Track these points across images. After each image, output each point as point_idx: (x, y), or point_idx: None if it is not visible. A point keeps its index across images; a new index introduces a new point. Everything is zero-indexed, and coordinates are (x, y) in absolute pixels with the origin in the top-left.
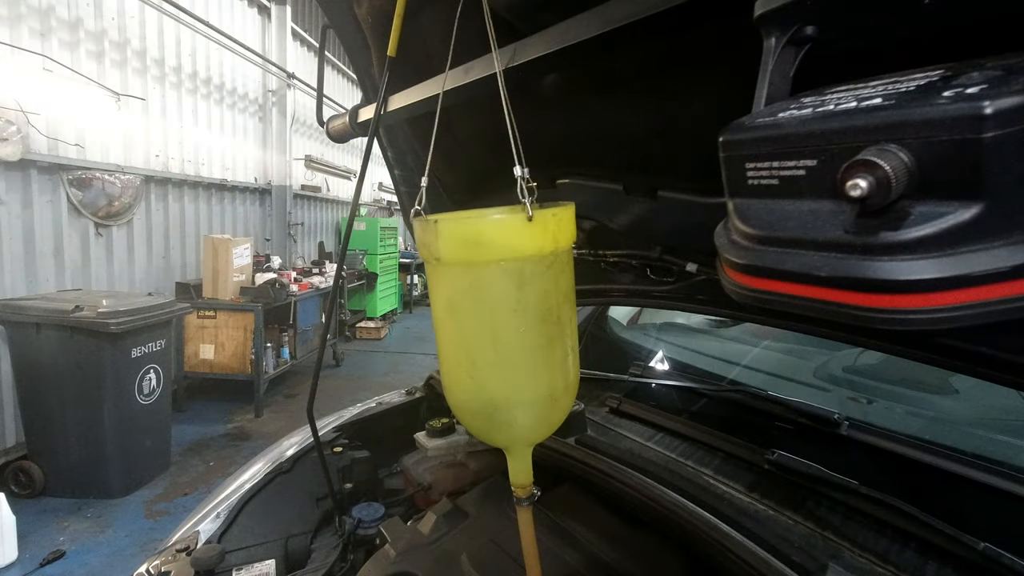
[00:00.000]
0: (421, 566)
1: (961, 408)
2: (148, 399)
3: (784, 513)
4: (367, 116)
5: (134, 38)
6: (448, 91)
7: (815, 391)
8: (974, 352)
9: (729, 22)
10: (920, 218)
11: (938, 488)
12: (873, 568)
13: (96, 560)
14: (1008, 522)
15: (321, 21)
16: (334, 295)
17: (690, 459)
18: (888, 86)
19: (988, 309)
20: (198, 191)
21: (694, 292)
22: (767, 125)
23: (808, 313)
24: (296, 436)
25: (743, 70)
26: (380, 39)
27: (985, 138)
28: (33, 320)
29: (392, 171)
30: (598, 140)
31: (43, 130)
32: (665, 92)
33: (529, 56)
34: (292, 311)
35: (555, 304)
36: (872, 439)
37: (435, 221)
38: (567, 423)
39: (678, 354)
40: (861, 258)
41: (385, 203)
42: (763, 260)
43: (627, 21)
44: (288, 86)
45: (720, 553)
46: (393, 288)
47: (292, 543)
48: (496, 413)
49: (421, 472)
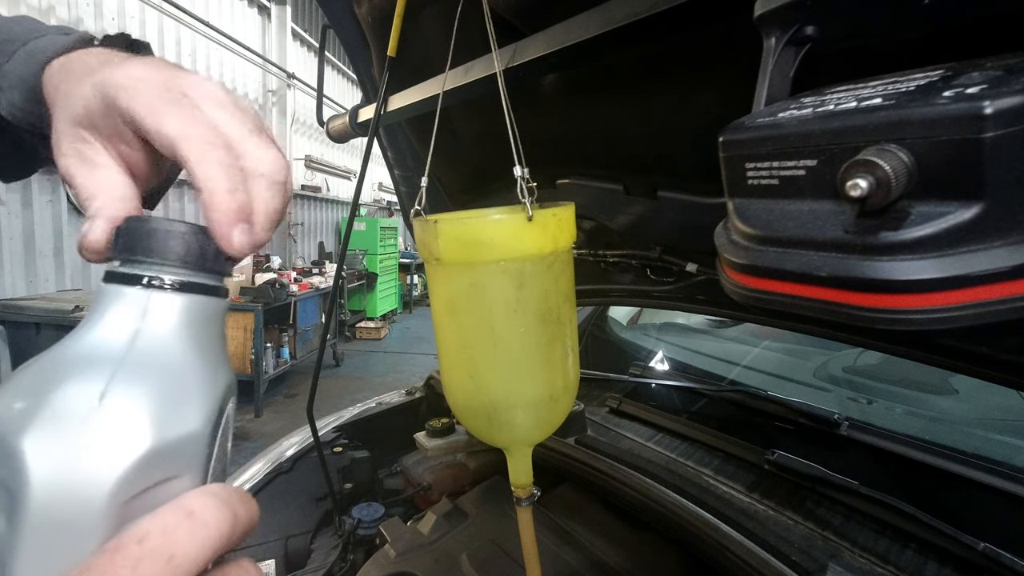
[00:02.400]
0: (421, 566)
1: (961, 408)
2: None
3: (784, 513)
4: (367, 116)
5: None
6: (448, 91)
7: (815, 391)
8: (974, 352)
9: (729, 22)
10: (920, 218)
11: (938, 488)
12: (873, 568)
13: None
14: (1008, 522)
15: (321, 21)
16: (334, 295)
17: (690, 459)
18: (888, 86)
19: (988, 309)
20: None
21: (694, 292)
22: (767, 125)
23: (808, 313)
24: (296, 436)
25: (743, 70)
26: (380, 39)
27: (985, 138)
28: (33, 320)
29: (392, 171)
30: (598, 140)
31: None
32: (665, 92)
33: (529, 56)
34: (292, 311)
35: (555, 304)
36: (872, 439)
37: (435, 221)
38: (567, 423)
39: (678, 354)
40: (861, 258)
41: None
42: (763, 260)
43: (627, 21)
44: (288, 86)
45: (720, 553)
46: (393, 288)
47: (292, 543)
48: (496, 413)
49: (421, 472)
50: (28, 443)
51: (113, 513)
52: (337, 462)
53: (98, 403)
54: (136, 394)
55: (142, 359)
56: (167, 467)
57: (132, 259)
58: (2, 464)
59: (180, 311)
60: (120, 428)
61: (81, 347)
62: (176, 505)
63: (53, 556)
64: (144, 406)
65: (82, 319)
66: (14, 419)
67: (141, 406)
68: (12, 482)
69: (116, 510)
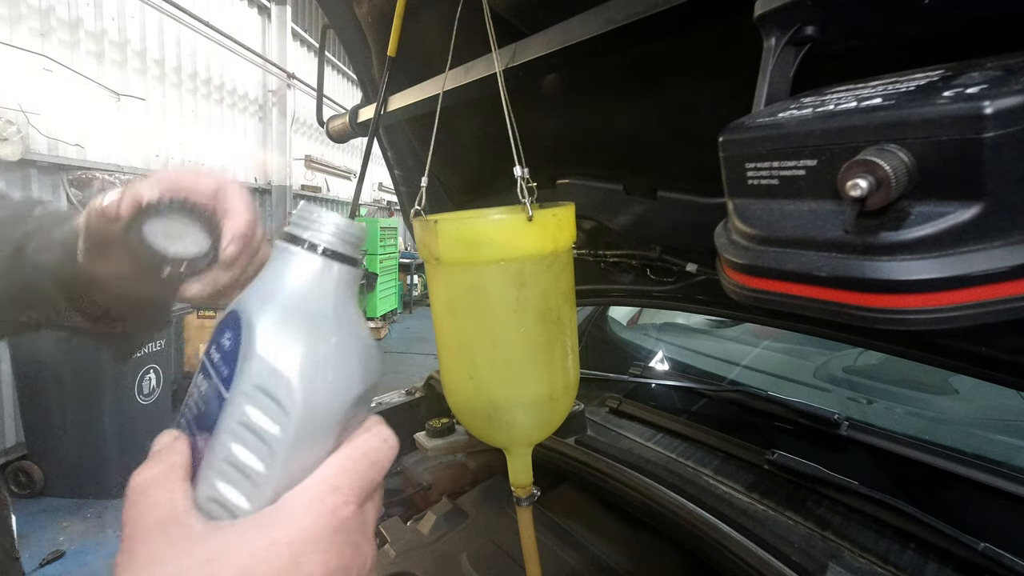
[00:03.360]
0: (421, 566)
1: (961, 408)
2: (148, 399)
3: (784, 513)
4: (367, 116)
5: (134, 38)
6: (448, 91)
7: (815, 391)
8: (974, 352)
9: (729, 22)
10: (920, 218)
11: (938, 488)
12: (873, 568)
13: (96, 560)
14: (1008, 522)
15: (321, 21)
16: None
17: (690, 459)
18: (888, 86)
19: (988, 309)
20: None
21: (694, 292)
22: (767, 125)
23: (808, 313)
24: None
25: (743, 70)
26: (380, 39)
27: (985, 138)
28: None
29: (392, 171)
30: (598, 140)
31: (43, 130)
32: (665, 92)
33: (529, 56)
34: None
35: (555, 304)
36: (872, 439)
37: (435, 221)
38: (567, 423)
39: (678, 354)
40: (861, 258)
41: (385, 203)
42: (763, 260)
43: (627, 21)
44: (288, 86)
45: (720, 553)
46: (393, 288)
47: None
48: (496, 413)
49: (421, 472)
50: (298, 377)
51: (341, 427)
52: None
53: (335, 350)
54: (352, 344)
55: (344, 317)
56: (366, 398)
57: (336, 246)
58: (278, 388)
59: (353, 282)
60: (351, 367)
61: (310, 305)
62: (377, 432)
63: (306, 452)
64: (359, 352)
65: (289, 278)
66: (289, 359)
67: (357, 352)
68: (287, 401)
69: (342, 426)
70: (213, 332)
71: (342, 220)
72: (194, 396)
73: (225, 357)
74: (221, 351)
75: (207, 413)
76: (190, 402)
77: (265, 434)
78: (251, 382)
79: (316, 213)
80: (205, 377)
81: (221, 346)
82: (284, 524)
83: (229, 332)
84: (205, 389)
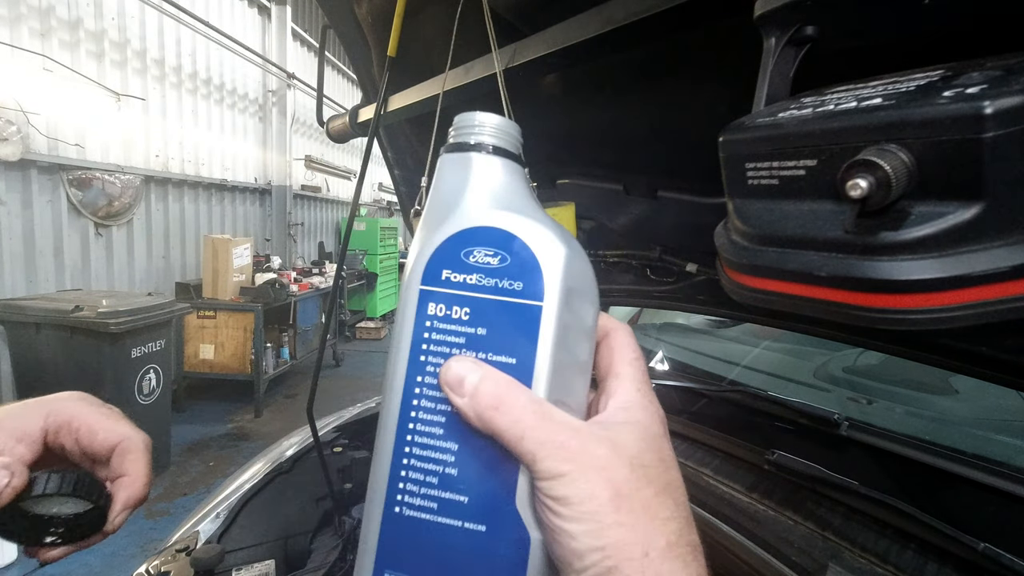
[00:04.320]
0: None
1: (961, 408)
2: (148, 399)
3: (784, 513)
4: (367, 116)
5: (134, 38)
6: (448, 91)
7: (815, 391)
8: (974, 352)
9: (729, 22)
10: (920, 218)
11: (938, 488)
12: (873, 568)
13: (96, 560)
14: (1008, 522)
15: (321, 21)
16: (334, 295)
17: (690, 459)
18: (888, 86)
19: (988, 309)
20: (198, 191)
21: (694, 292)
22: (767, 125)
23: (808, 313)
24: (296, 436)
25: (743, 70)
26: (380, 39)
27: (985, 138)
28: (33, 320)
29: (392, 171)
30: (598, 140)
31: (43, 130)
32: (665, 92)
33: (529, 56)
34: (292, 311)
35: None
36: (872, 439)
37: None
38: None
39: (678, 354)
40: (861, 258)
41: (385, 203)
42: (763, 260)
43: (627, 21)
44: (288, 86)
45: (720, 553)
46: (393, 288)
47: (292, 543)
48: None
49: None
50: (588, 267)
51: None
52: (337, 462)
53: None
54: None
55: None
56: None
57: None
58: (584, 281)
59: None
60: (591, 272)
61: (533, 204)
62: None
63: (575, 347)
64: (579, 256)
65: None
66: (576, 254)
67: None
68: (592, 293)
69: None
70: (434, 258)
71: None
72: (454, 325)
73: (507, 271)
74: (487, 270)
75: (507, 328)
76: (448, 330)
77: (586, 327)
78: (566, 284)
79: (509, 124)
80: (466, 303)
81: (481, 266)
82: (640, 414)
83: (484, 248)
84: (484, 307)
